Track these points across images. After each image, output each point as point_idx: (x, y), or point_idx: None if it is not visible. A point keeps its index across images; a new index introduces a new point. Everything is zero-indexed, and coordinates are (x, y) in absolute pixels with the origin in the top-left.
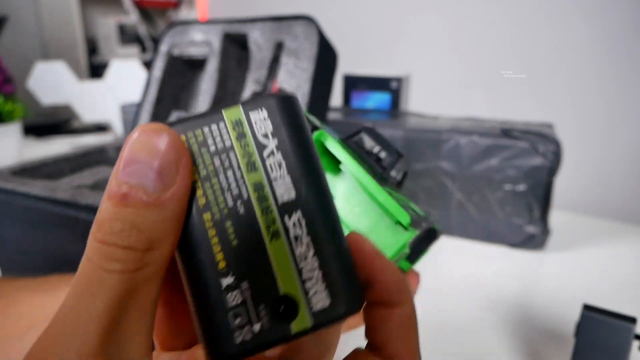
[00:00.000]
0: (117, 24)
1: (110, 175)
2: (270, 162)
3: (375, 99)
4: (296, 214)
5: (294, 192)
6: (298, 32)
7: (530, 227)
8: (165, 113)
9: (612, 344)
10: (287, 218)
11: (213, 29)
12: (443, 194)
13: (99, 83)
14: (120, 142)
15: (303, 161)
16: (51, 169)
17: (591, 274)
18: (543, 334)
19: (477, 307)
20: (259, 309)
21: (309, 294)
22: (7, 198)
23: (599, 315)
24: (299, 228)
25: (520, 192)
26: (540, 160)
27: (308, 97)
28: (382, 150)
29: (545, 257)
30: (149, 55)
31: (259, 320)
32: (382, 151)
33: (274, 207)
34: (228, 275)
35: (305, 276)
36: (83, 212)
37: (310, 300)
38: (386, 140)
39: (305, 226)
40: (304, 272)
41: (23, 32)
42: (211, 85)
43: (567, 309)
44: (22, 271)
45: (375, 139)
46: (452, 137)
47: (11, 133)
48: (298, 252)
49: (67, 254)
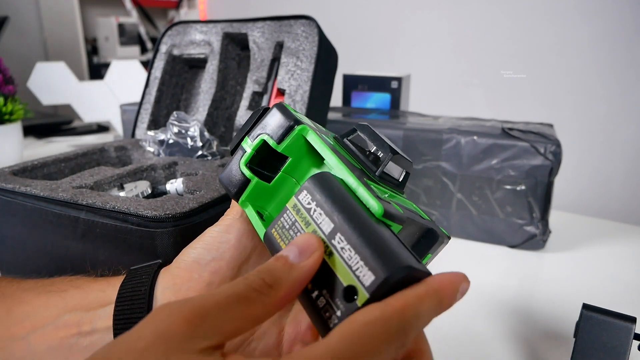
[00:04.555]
0: (117, 24)
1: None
2: (315, 215)
3: (375, 99)
4: (337, 235)
5: (332, 223)
6: (298, 32)
7: (531, 227)
8: (165, 113)
9: (612, 343)
10: (333, 240)
11: (213, 29)
12: (443, 194)
13: (99, 83)
14: (120, 142)
15: (331, 204)
16: (51, 169)
17: (591, 274)
18: (543, 334)
19: (477, 307)
20: (336, 302)
21: (360, 277)
22: (7, 198)
23: (598, 315)
24: (342, 242)
25: (520, 192)
26: (540, 160)
27: (308, 97)
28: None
29: (545, 257)
30: (149, 55)
31: (338, 308)
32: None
33: (324, 237)
34: (314, 291)
35: (354, 268)
36: (83, 212)
37: (362, 281)
38: (381, 138)
39: (345, 240)
40: (353, 266)
41: (24, 33)
42: (211, 85)
43: (567, 309)
44: (22, 271)
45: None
46: (453, 137)
47: (12, 133)
48: (346, 256)
49: (68, 254)
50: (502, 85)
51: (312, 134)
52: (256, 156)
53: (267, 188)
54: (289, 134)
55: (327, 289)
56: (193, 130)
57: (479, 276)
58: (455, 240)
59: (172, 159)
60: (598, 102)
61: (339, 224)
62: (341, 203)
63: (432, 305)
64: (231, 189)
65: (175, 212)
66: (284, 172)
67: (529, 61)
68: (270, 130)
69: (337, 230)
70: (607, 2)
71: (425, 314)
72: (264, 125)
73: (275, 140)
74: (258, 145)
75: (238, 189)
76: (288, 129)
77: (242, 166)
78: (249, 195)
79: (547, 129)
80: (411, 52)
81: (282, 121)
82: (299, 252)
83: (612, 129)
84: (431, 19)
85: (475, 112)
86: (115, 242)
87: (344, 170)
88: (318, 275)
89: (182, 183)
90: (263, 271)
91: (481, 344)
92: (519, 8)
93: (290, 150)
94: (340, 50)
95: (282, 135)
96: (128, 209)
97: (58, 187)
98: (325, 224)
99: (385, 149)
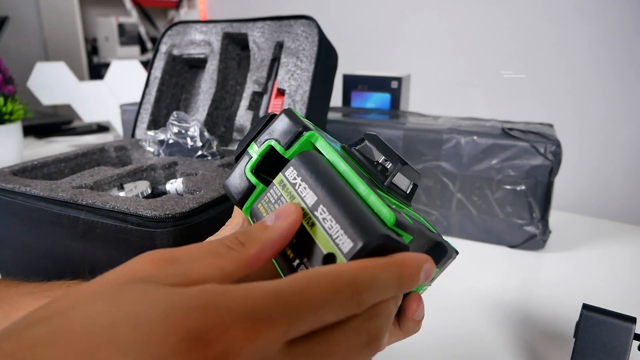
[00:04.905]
0: (117, 24)
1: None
2: (299, 189)
3: (375, 99)
4: (320, 207)
5: (315, 196)
6: (298, 32)
7: (531, 227)
8: (165, 113)
9: (612, 343)
10: (315, 212)
11: (213, 29)
12: (443, 194)
13: (99, 83)
14: (120, 142)
15: (315, 179)
16: (51, 169)
17: (591, 274)
18: (543, 334)
19: (477, 307)
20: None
21: (339, 245)
22: (7, 198)
23: (598, 315)
24: (324, 214)
25: (520, 192)
26: (540, 160)
27: (308, 97)
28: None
29: (545, 257)
30: (149, 55)
31: None
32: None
33: (308, 210)
34: (295, 260)
35: (334, 236)
36: (83, 212)
37: (341, 248)
38: (390, 149)
39: (327, 211)
40: (333, 234)
41: (24, 33)
42: (211, 85)
43: (567, 309)
44: (22, 271)
45: (379, 147)
46: (453, 137)
47: (12, 133)
48: (327, 226)
49: (67, 253)
50: (502, 85)
51: (321, 140)
52: (262, 162)
53: None
54: (297, 140)
55: (308, 257)
56: (193, 130)
57: (479, 276)
58: (455, 240)
59: (172, 159)
60: (598, 102)
61: (321, 196)
62: (325, 178)
63: (391, 277)
64: (235, 196)
65: (175, 212)
66: None
67: (529, 61)
68: (278, 135)
69: (319, 202)
70: (607, 2)
71: (381, 284)
72: (272, 130)
73: (282, 146)
74: (265, 151)
75: (242, 195)
76: (297, 135)
77: (248, 172)
78: (253, 202)
79: (547, 129)
80: (411, 52)
81: (291, 127)
82: (276, 217)
83: (612, 129)
84: (431, 19)
85: (475, 112)
86: (115, 242)
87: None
88: (300, 244)
89: (182, 183)
90: (239, 231)
91: (481, 344)
92: (519, 8)
93: None
94: (340, 50)
95: (290, 141)
96: (128, 209)
97: (58, 187)
98: (309, 197)
99: (394, 159)
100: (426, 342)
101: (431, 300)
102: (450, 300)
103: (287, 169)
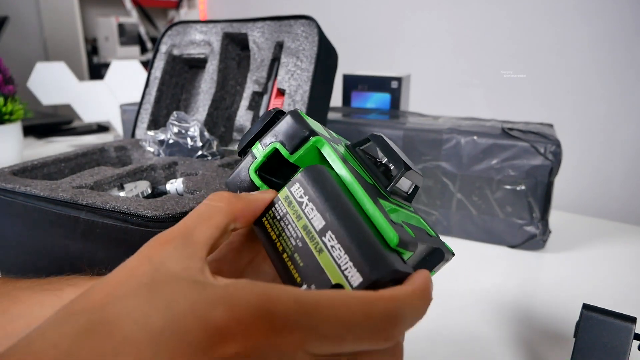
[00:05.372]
0: (117, 24)
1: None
2: (307, 210)
3: (375, 99)
4: (328, 233)
5: (323, 220)
6: (298, 32)
7: (531, 227)
8: (165, 113)
9: (612, 343)
10: (324, 237)
11: (213, 29)
12: (443, 194)
13: (99, 83)
14: (120, 142)
15: (324, 201)
16: (51, 169)
17: (591, 274)
18: (543, 334)
19: (477, 307)
20: None
21: (348, 277)
22: (7, 198)
23: (599, 315)
24: (332, 241)
25: (520, 192)
26: (540, 160)
27: (308, 97)
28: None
29: (545, 257)
30: (149, 55)
31: None
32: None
33: (315, 234)
34: (303, 285)
35: (343, 267)
36: (83, 212)
37: (350, 281)
38: (394, 151)
39: (335, 239)
40: (342, 265)
41: (24, 33)
42: (211, 85)
43: (567, 309)
44: (22, 271)
45: (383, 149)
46: (453, 137)
47: (12, 133)
48: (336, 255)
49: (68, 253)
50: (502, 85)
51: (327, 147)
52: (266, 163)
53: None
54: (303, 145)
55: (316, 284)
56: (193, 130)
57: (479, 276)
58: (455, 240)
59: (172, 159)
60: (598, 102)
61: (330, 222)
62: (334, 201)
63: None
64: None
65: (175, 212)
66: None
67: (529, 61)
68: (283, 138)
69: (328, 228)
70: (607, 2)
71: (410, 313)
72: (277, 132)
73: (288, 150)
74: (269, 153)
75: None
76: (303, 140)
77: (252, 173)
78: None
79: (547, 129)
80: (411, 52)
81: (297, 131)
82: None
83: (612, 129)
84: (431, 19)
85: (475, 112)
86: (115, 242)
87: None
88: (307, 269)
89: (182, 183)
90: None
91: (481, 344)
92: (519, 8)
93: (302, 160)
94: (340, 50)
95: (296, 145)
96: (128, 209)
97: (58, 187)
98: (317, 220)
99: (399, 163)
100: (426, 342)
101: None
102: (451, 300)
103: (293, 184)
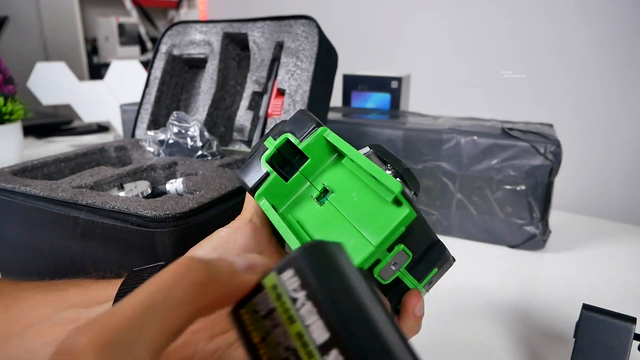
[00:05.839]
0: (117, 24)
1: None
2: (303, 311)
3: (375, 99)
4: (334, 353)
5: (328, 332)
6: (298, 32)
7: (531, 227)
8: (165, 113)
9: (611, 343)
10: (327, 356)
11: (213, 29)
12: (443, 194)
13: (99, 83)
14: (120, 142)
15: (330, 304)
16: (51, 169)
17: (591, 274)
18: (543, 334)
19: (477, 307)
20: None
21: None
22: (7, 198)
23: (598, 315)
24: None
25: (520, 192)
26: (540, 160)
27: (308, 97)
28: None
29: (545, 257)
30: (149, 55)
31: None
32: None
33: (314, 350)
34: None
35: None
36: (83, 212)
37: None
38: (394, 157)
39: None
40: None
41: (24, 33)
42: (211, 85)
43: (567, 309)
44: (22, 271)
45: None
46: (453, 137)
47: (12, 133)
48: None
49: (68, 254)
50: (502, 85)
51: (332, 134)
52: (277, 155)
53: (283, 186)
54: (312, 133)
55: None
56: (193, 130)
57: (479, 276)
58: (455, 240)
59: (172, 159)
60: (598, 102)
61: (338, 336)
62: (348, 303)
63: None
64: (248, 183)
65: (175, 212)
66: (302, 173)
67: (529, 61)
68: (293, 128)
69: (333, 344)
70: (607, 2)
71: None
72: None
73: (297, 138)
74: (281, 143)
75: (256, 182)
76: (311, 129)
77: (263, 161)
78: (265, 189)
79: (547, 129)
80: (411, 52)
81: (305, 121)
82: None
83: (612, 129)
84: (431, 19)
85: (475, 112)
86: (115, 242)
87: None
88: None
89: (182, 183)
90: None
91: (481, 344)
92: (519, 8)
93: (310, 150)
94: (340, 50)
95: (305, 133)
96: (128, 209)
97: (58, 187)
98: (318, 330)
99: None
100: (426, 342)
101: (431, 300)
102: (451, 300)
103: (285, 269)
